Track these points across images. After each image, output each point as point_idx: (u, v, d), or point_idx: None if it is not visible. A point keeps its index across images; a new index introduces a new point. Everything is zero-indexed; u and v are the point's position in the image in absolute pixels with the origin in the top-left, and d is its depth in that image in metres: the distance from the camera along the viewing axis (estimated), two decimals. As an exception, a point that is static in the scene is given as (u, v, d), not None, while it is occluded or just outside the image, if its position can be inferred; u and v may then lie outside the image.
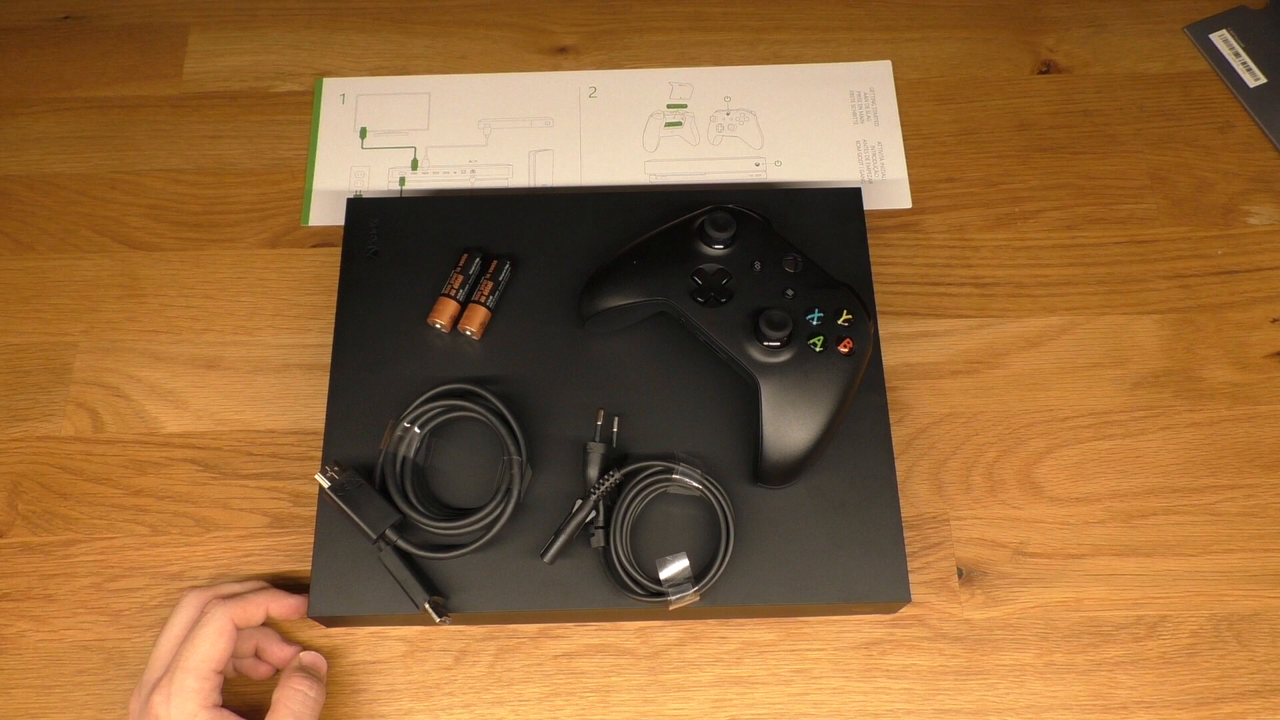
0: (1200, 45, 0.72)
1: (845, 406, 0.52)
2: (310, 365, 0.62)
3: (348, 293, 0.58)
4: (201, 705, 0.48)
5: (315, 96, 0.71)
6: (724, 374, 0.55)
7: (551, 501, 0.53)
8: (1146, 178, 0.68)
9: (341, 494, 0.51)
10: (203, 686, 0.48)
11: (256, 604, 0.52)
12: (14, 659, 0.56)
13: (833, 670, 0.55)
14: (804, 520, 0.53)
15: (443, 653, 0.55)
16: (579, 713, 0.54)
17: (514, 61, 0.72)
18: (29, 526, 0.58)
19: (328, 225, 0.66)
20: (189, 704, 0.47)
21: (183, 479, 0.59)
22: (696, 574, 0.51)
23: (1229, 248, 0.66)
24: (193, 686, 0.48)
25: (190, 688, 0.48)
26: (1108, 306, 0.64)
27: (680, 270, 0.54)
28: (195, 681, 0.48)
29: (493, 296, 0.57)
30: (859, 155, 0.68)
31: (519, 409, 0.54)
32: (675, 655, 0.55)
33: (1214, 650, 0.56)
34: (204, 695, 0.48)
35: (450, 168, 0.68)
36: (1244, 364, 0.62)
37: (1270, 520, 0.59)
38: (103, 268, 0.65)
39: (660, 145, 0.69)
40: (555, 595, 0.52)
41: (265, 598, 0.52)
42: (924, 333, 0.63)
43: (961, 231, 0.66)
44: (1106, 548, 0.58)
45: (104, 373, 0.62)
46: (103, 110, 0.70)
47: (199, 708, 0.48)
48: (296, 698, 0.50)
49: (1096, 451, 0.60)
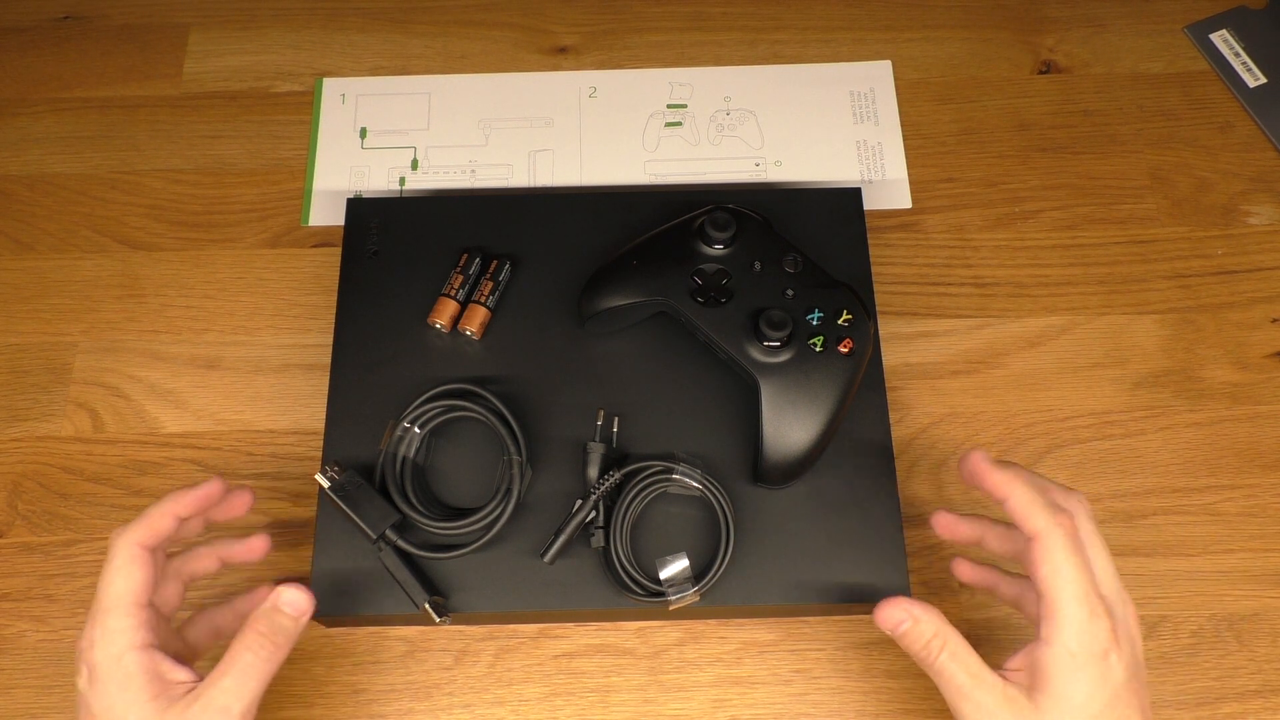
0: (1200, 45, 0.72)
1: (845, 406, 0.52)
2: (310, 365, 0.62)
3: (348, 293, 0.58)
4: (129, 646, 0.43)
5: (315, 96, 0.71)
6: (724, 374, 0.55)
7: (551, 501, 0.53)
8: (1146, 178, 0.68)
9: (341, 494, 0.51)
10: (126, 624, 0.43)
11: (159, 513, 0.46)
12: (14, 659, 0.56)
13: (833, 670, 0.55)
14: (804, 520, 0.53)
15: (443, 653, 0.55)
16: (579, 713, 0.54)
17: (514, 61, 0.72)
18: (29, 526, 0.58)
19: (328, 225, 0.66)
20: (114, 646, 0.43)
21: (183, 479, 0.59)
22: (696, 574, 0.51)
23: (1229, 248, 0.66)
24: (114, 625, 0.43)
25: (113, 627, 0.43)
26: (1108, 306, 0.64)
27: (680, 270, 0.54)
28: (115, 620, 0.43)
29: (493, 296, 0.57)
30: (859, 155, 0.68)
31: (519, 409, 0.54)
32: (675, 655, 0.55)
33: (1214, 650, 0.56)
34: (129, 634, 0.43)
35: (450, 168, 0.68)
36: (1244, 364, 0.62)
37: (1270, 520, 0.59)
38: (103, 268, 0.65)
39: (660, 145, 0.69)
40: (555, 595, 0.52)
41: (167, 503, 0.47)
42: (924, 333, 0.63)
43: (961, 231, 0.66)
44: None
45: (104, 373, 0.62)
46: (103, 110, 0.70)
47: (126, 648, 0.43)
48: (246, 655, 0.43)
49: (1096, 451, 0.60)
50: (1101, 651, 0.42)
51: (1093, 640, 0.42)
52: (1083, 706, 0.42)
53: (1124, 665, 0.43)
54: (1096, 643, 0.42)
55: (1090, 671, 0.42)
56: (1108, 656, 0.42)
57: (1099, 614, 0.43)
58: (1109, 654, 0.42)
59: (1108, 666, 0.42)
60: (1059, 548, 0.43)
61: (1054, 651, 0.42)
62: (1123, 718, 0.42)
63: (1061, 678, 0.42)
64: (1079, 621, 0.42)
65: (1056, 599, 0.43)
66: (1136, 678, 0.43)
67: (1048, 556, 0.43)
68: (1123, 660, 0.43)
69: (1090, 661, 0.42)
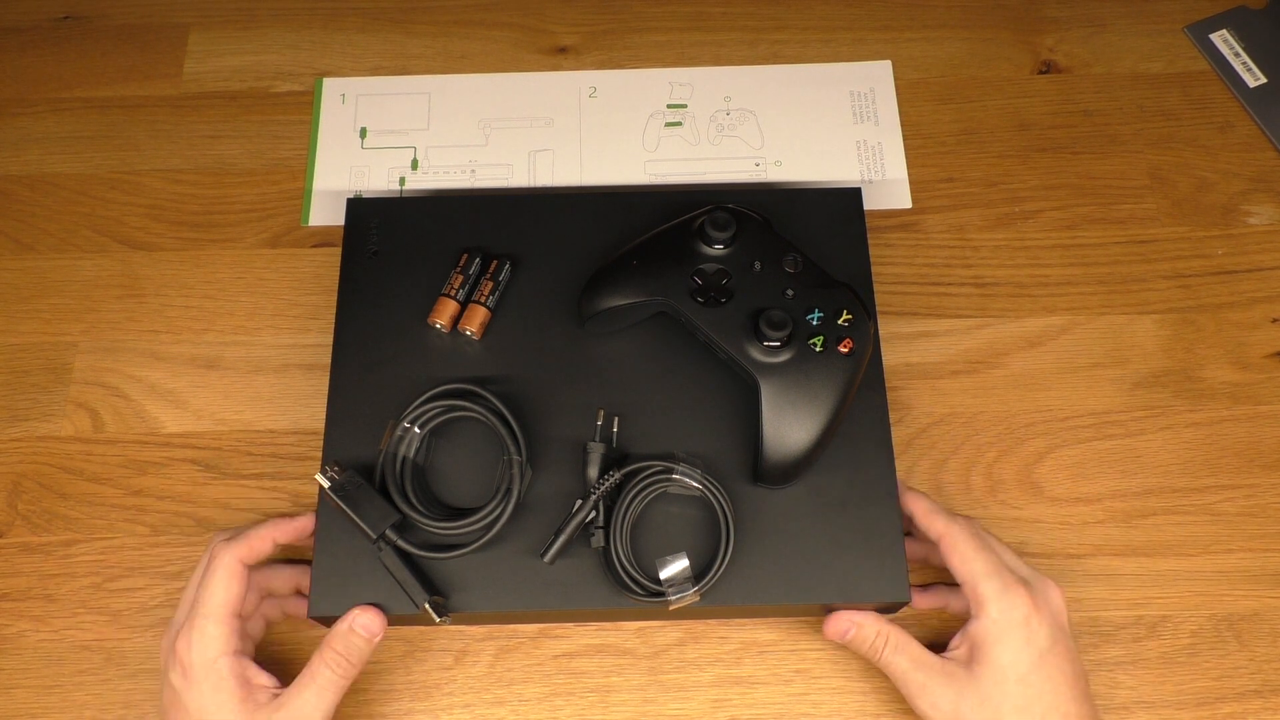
0: (1200, 45, 0.72)
1: (845, 406, 0.52)
2: (310, 365, 0.62)
3: (348, 293, 0.58)
4: (222, 651, 0.48)
5: (315, 96, 0.71)
6: (724, 374, 0.55)
7: (551, 501, 0.53)
8: (1146, 178, 0.68)
9: (341, 494, 0.51)
10: (222, 631, 0.48)
11: (260, 537, 0.51)
12: (14, 659, 0.56)
13: (833, 670, 0.55)
14: (804, 520, 0.53)
15: (443, 653, 0.55)
16: (579, 713, 0.54)
17: (514, 61, 0.72)
18: (29, 526, 0.58)
19: (328, 225, 0.66)
20: (210, 650, 0.48)
21: (183, 479, 0.59)
22: (696, 574, 0.51)
23: (1229, 248, 0.66)
24: (212, 632, 0.48)
25: (210, 633, 0.48)
26: (1108, 306, 0.64)
27: (680, 270, 0.54)
28: (214, 626, 0.48)
29: (493, 296, 0.57)
30: (859, 155, 0.68)
31: (519, 409, 0.54)
32: (675, 655, 0.55)
33: (1214, 650, 0.56)
34: (224, 640, 0.48)
35: (450, 168, 0.68)
36: (1244, 364, 0.62)
37: (1270, 520, 0.59)
38: (103, 268, 0.65)
39: (660, 145, 0.69)
40: (555, 595, 0.52)
41: (268, 529, 0.52)
42: (924, 333, 0.63)
43: (961, 231, 0.66)
44: (1106, 548, 0.58)
45: (104, 373, 0.62)
46: (103, 110, 0.70)
47: (219, 653, 0.48)
48: (325, 671, 0.49)
49: (1096, 451, 0.60)
50: (1022, 618, 0.48)
51: (1012, 607, 0.48)
52: (1011, 666, 0.47)
53: (1046, 630, 0.48)
54: (1016, 609, 0.48)
55: (1014, 635, 0.47)
56: (1029, 622, 0.48)
57: (1012, 584, 0.48)
58: (1030, 619, 0.48)
59: (1030, 630, 0.48)
60: (962, 539, 0.50)
61: (981, 624, 0.48)
62: (1049, 678, 0.47)
63: (989, 644, 0.48)
64: (996, 592, 0.48)
65: (973, 580, 0.49)
66: (1061, 644, 0.48)
67: (955, 548, 0.50)
68: (1044, 625, 0.48)
69: (1012, 627, 0.48)
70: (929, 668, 0.50)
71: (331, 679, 0.49)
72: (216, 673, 0.48)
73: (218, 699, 0.47)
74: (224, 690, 0.47)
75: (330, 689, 0.49)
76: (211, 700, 0.47)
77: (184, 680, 0.48)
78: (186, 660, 0.48)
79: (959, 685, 0.48)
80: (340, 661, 0.49)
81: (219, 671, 0.48)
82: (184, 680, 0.48)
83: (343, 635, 0.49)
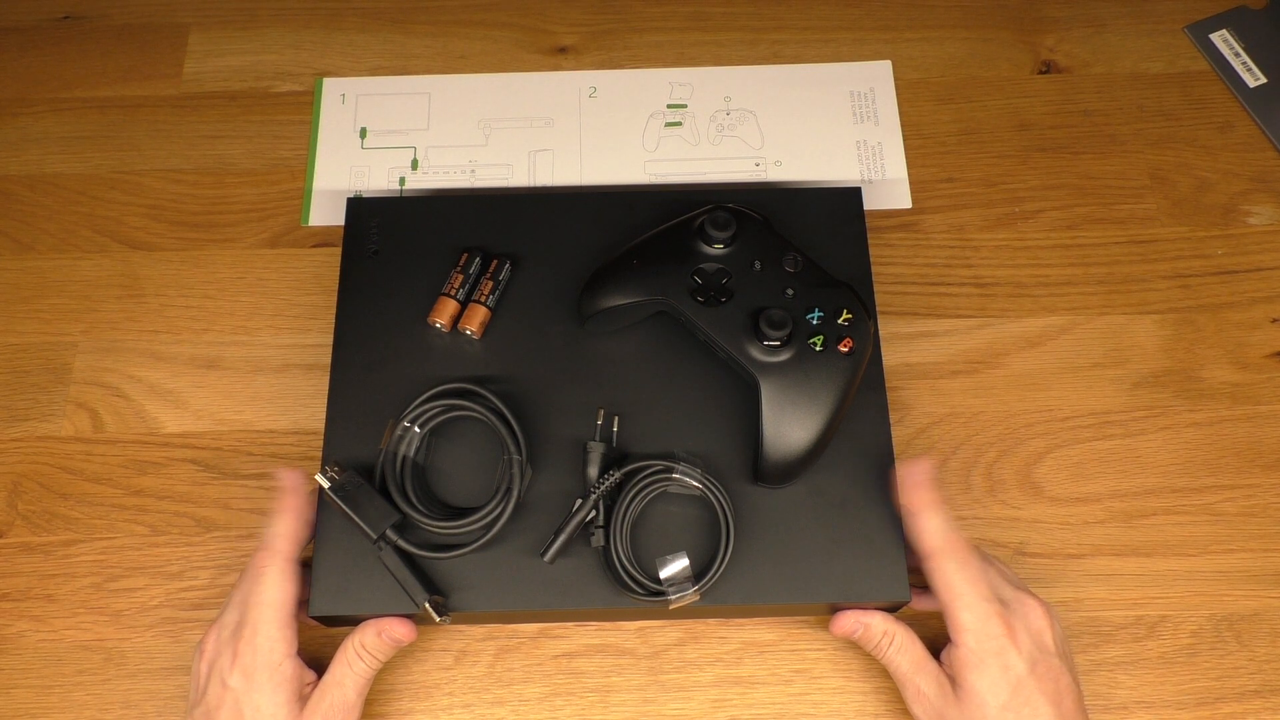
0: (1200, 45, 0.72)
1: (845, 406, 0.52)
2: (310, 365, 0.62)
3: (348, 293, 0.58)
4: (286, 654, 0.49)
5: (315, 96, 0.71)
6: (724, 374, 0.55)
7: (551, 501, 0.53)
8: (1146, 178, 0.68)
9: (341, 494, 0.51)
10: (286, 634, 0.49)
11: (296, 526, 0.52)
12: (14, 659, 0.56)
13: (833, 670, 0.55)
14: (804, 520, 0.53)
15: (443, 653, 0.55)
16: (579, 713, 0.54)
17: (514, 61, 0.72)
18: (29, 526, 0.58)
19: (328, 225, 0.66)
20: (275, 653, 0.48)
21: (183, 479, 0.59)
22: (696, 573, 0.51)
23: (1229, 248, 0.66)
24: (278, 635, 0.49)
25: (276, 636, 0.49)
26: (1108, 306, 0.64)
27: (680, 270, 0.54)
28: (280, 629, 0.49)
29: (493, 296, 0.57)
30: (859, 155, 0.68)
31: (519, 409, 0.54)
32: (675, 655, 0.55)
33: (1214, 650, 0.56)
34: (288, 643, 0.49)
35: (450, 168, 0.68)
36: (1244, 364, 0.62)
37: (1270, 520, 0.59)
38: (103, 268, 0.65)
39: (660, 145, 0.69)
40: (555, 595, 0.52)
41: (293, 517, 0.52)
42: (924, 333, 0.63)
43: (961, 231, 0.66)
44: (1106, 548, 0.58)
45: (104, 373, 0.62)
46: (103, 110, 0.70)
47: (284, 656, 0.49)
48: (346, 668, 0.50)
49: (1096, 451, 0.60)
50: (997, 650, 0.48)
51: (987, 639, 0.48)
52: (990, 694, 0.48)
53: (1023, 659, 0.48)
54: (991, 641, 0.48)
55: (989, 666, 0.48)
56: (1004, 653, 0.48)
57: (990, 616, 0.48)
58: (1005, 651, 0.48)
59: (1005, 662, 0.48)
60: (949, 561, 0.49)
61: (959, 652, 0.49)
62: (1027, 702, 0.47)
63: (967, 674, 0.48)
64: (971, 625, 0.48)
65: (953, 608, 0.49)
66: (1043, 664, 0.48)
67: (940, 570, 0.49)
68: (1022, 654, 0.48)
69: (987, 658, 0.48)
70: (926, 674, 0.50)
71: (362, 670, 0.50)
72: (281, 674, 0.48)
73: (276, 699, 0.48)
74: (284, 691, 0.48)
75: (361, 676, 0.51)
76: (270, 700, 0.48)
77: (247, 682, 0.48)
78: (251, 663, 0.48)
79: (949, 701, 0.49)
80: (365, 655, 0.51)
81: (283, 673, 0.48)
82: (247, 682, 0.48)
83: (372, 633, 0.51)
